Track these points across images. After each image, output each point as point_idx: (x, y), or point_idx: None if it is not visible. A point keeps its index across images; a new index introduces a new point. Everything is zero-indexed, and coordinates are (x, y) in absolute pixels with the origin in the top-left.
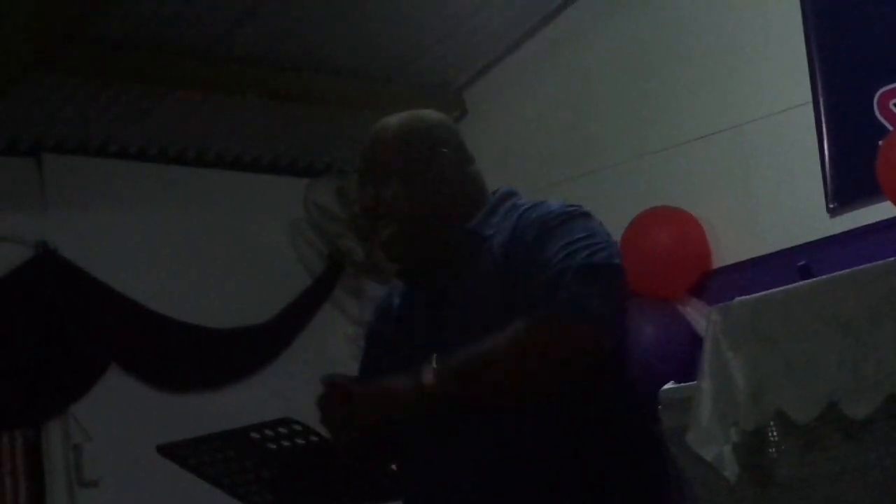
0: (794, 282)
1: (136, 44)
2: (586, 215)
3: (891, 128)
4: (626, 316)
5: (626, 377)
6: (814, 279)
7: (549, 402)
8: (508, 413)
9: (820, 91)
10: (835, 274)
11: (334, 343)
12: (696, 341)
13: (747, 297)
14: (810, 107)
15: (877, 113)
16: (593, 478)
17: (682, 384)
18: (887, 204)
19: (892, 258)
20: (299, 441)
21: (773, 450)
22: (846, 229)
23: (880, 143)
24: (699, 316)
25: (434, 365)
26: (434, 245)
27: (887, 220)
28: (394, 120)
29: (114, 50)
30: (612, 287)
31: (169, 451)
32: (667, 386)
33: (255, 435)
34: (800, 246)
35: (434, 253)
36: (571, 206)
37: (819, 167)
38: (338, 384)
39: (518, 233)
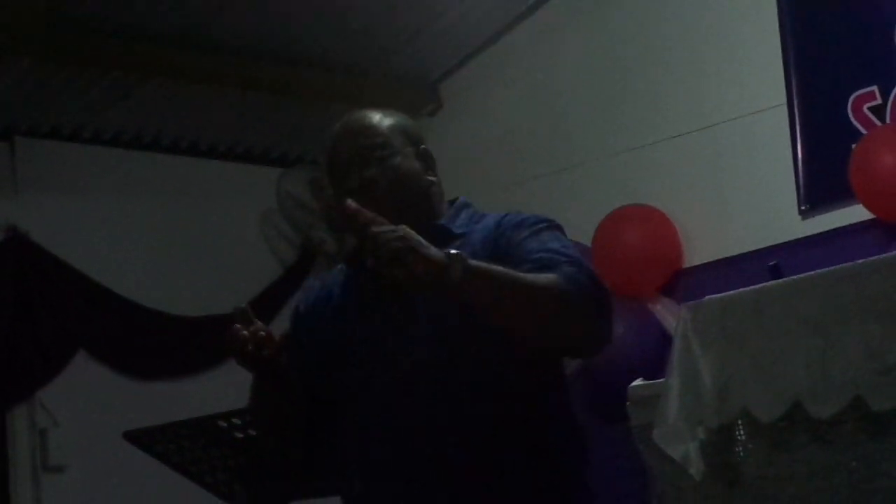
0: (765, 282)
1: (113, 30)
2: (562, 228)
3: (864, 131)
4: None
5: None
6: (784, 279)
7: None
8: (463, 385)
9: (794, 93)
10: (805, 274)
11: None
12: (665, 339)
13: (717, 295)
14: (784, 109)
15: (851, 116)
16: (539, 456)
17: (651, 381)
18: (859, 207)
19: (863, 260)
20: None
21: (740, 449)
22: (817, 231)
23: (854, 146)
24: (669, 314)
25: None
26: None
27: (859, 224)
28: (379, 112)
29: (89, 35)
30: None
31: (136, 437)
32: (635, 383)
33: (222, 424)
34: (771, 247)
35: None
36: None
37: (792, 169)
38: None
39: (504, 231)
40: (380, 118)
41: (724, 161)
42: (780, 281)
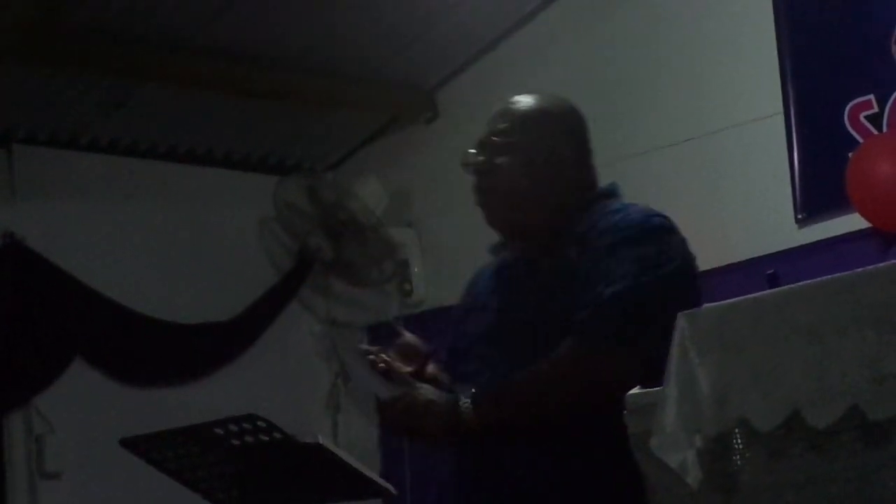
0: (762, 290)
1: (110, 35)
2: (664, 229)
3: (861, 140)
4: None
5: None
6: (781, 288)
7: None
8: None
9: (791, 101)
10: (802, 283)
11: (300, 341)
12: None
13: (715, 303)
14: (781, 117)
15: (847, 125)
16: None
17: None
18: (855, 216)
19: (859, 269)
20: (263, 438)
21: (738, 457)
22: (814, 240)
23: (850, 155)
24: None
25: (472, 394)
26: (525, 223)
27: (855, 232)
28: (530, 98)
29: (87, 40)
30: (666, 307)
31: (132, 444)
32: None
33: (219, 431)
34: (767, 256)
35: (524, 230)
36: (653, 216)
37: (788, 178)
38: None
39: (595, 233)
40: (522, 105)
41: (721, 169)
42: (777, 289)
